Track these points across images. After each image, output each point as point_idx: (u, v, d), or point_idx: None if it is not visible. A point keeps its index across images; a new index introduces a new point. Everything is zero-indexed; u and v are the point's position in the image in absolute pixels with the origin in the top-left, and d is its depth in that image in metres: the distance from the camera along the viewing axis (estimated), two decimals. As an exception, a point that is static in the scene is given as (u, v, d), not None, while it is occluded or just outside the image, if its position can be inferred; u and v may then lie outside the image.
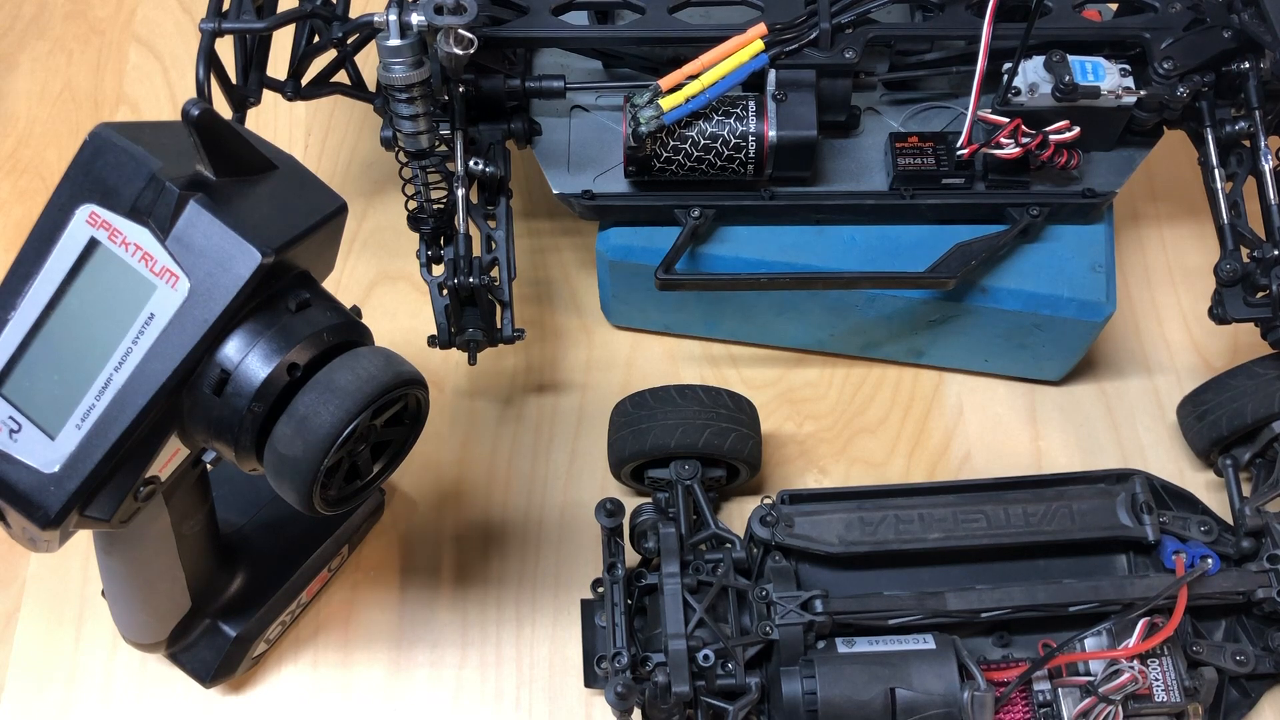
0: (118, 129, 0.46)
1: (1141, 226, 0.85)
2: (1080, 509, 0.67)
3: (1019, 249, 0.72)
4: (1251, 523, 0.66)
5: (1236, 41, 0.67)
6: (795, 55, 0.67)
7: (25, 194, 0.88)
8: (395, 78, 0.61)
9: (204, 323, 0.45)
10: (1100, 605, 0.64)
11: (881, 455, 0.77)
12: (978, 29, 0.66)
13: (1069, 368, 0.77)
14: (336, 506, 0.51)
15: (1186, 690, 0.62)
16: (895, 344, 0.78)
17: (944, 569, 0.67)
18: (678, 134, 0.67)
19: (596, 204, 0.71)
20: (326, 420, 0.47)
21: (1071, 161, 0.68)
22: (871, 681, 0.60)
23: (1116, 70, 0.67)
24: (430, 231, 0.68)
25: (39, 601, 0.72)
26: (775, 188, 0.71)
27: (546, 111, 0.73)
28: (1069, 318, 0.71)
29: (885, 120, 0.74)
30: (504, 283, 0.69)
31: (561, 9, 0.70)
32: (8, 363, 0.47)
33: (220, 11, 0.66)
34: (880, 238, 0.72)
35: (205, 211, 0.45)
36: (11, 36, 0.96)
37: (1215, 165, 0.68)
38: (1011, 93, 0.66)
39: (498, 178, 0.69)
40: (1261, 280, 0.66)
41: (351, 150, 0.89)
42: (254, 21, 0.66)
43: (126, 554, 0.57)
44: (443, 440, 0.77)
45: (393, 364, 0.49)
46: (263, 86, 0.72)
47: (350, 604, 0.72)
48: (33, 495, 0.47)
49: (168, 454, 0.49)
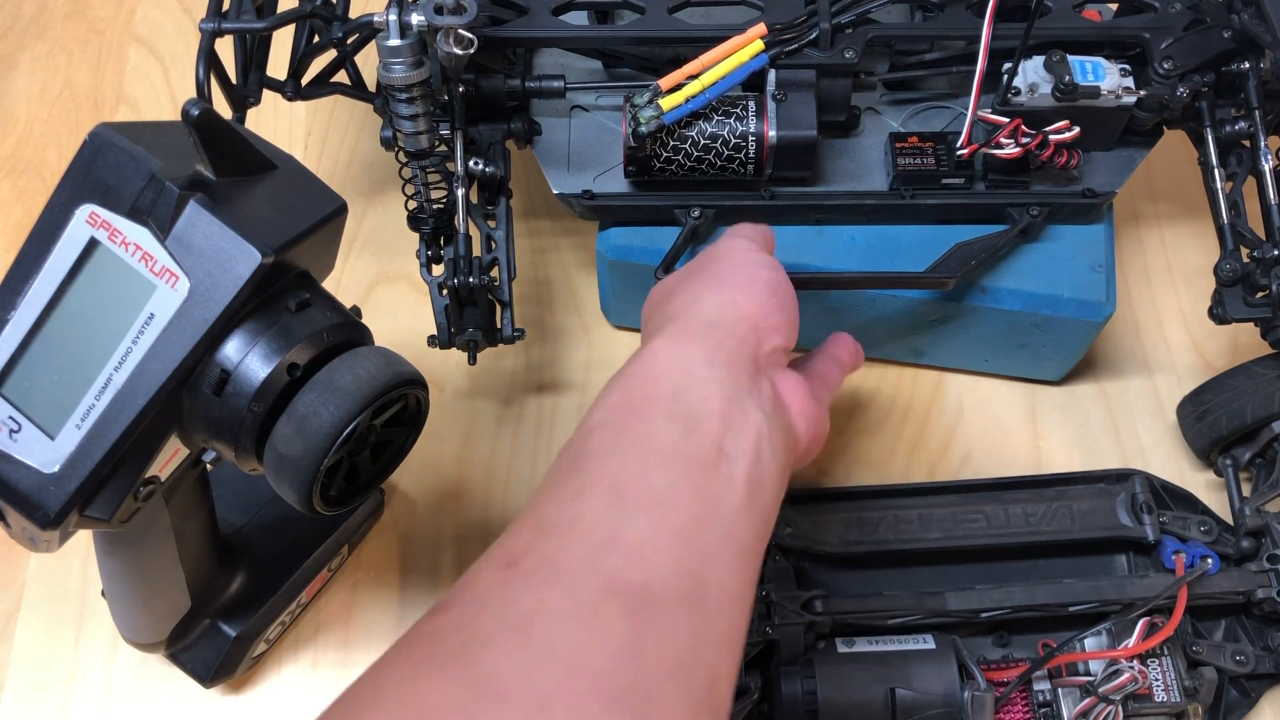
0: (118, 129, 0.46)
1: (1141, 226, 0.85)
2: (1080, 509, 0.67)
3: (1019, 249, 0.72)
4: (1251, 523, 0.66)
5: (1236, 41, 0.67)
6: (795, 55, 0.67)
7: (25, 194, 0.88)
8: (395, 78, 0.61)
9: (204, 322, 0.45)
10: (1100, 605, 0.64)
11: (881, 455, 0.77)
12: (978, 29, 0.66)
13: (1069, 368, 0.77)
14: (336, 506, 0.51)
15: (1186, 690, 0.62)
16: (895, 344, 0.78)
17: (944, 569, 0.67)
18: (678, 134, 0.67)
19: (596, 204, 0.71)
20: (326, 420, 0.47)
21: (1071, 161, 0.68)
22: (871, 681, 0.60)
23: (1116, 70, 0.67)
24: (430, 231, 0.68)
25: (39, 601, 0.72)
26: (775, 188, 0.71)
27: (546, 111, 0.73)
28: (1069, 318, 0.71)
29: (885, 120, 0.74)
30: (504, 283, 0.69)
31: (561, 9, 0.70)
32: (7, 362, 0.47)
33: (220, 11, 0.66)
34: (880, 237, 0.72)
35: (205, 211, 0.45)
36: (11, 36, 0.96)
37: (1215, 165, 0.68)
38: (1011, 93, 0.66)
39: (498, 178, 0.69)
40: (1261, 280, 0.66)
41: (352, 150, 0.89)
42: (254, 21, 0.66)
43: (126, 554, 0.57)
44: (443, 440, 0.77)
45: (393, 364, 0.49)
46: (263, 87, 0.71)
47: (350, 604, 0.72)
48: (33, 495, 0.47)
49: (168, 454, 0.49)
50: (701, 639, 0.42)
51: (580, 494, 0.44)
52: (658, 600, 0.41)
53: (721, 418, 0.47)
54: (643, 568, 0.41)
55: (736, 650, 0.44)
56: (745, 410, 0.48)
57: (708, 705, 0.41)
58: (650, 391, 0.48)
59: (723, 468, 0.46)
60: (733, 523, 0.45)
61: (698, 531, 0.44)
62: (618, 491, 0.44)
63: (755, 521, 0.46)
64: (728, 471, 0.46)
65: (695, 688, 0.41)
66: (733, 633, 0.44)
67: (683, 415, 0.47)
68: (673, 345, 0.50)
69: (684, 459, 0.45)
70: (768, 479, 0.48)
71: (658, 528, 0.43)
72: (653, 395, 0.48)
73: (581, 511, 0.43)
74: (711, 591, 0.43)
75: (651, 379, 0.49)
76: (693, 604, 0.42)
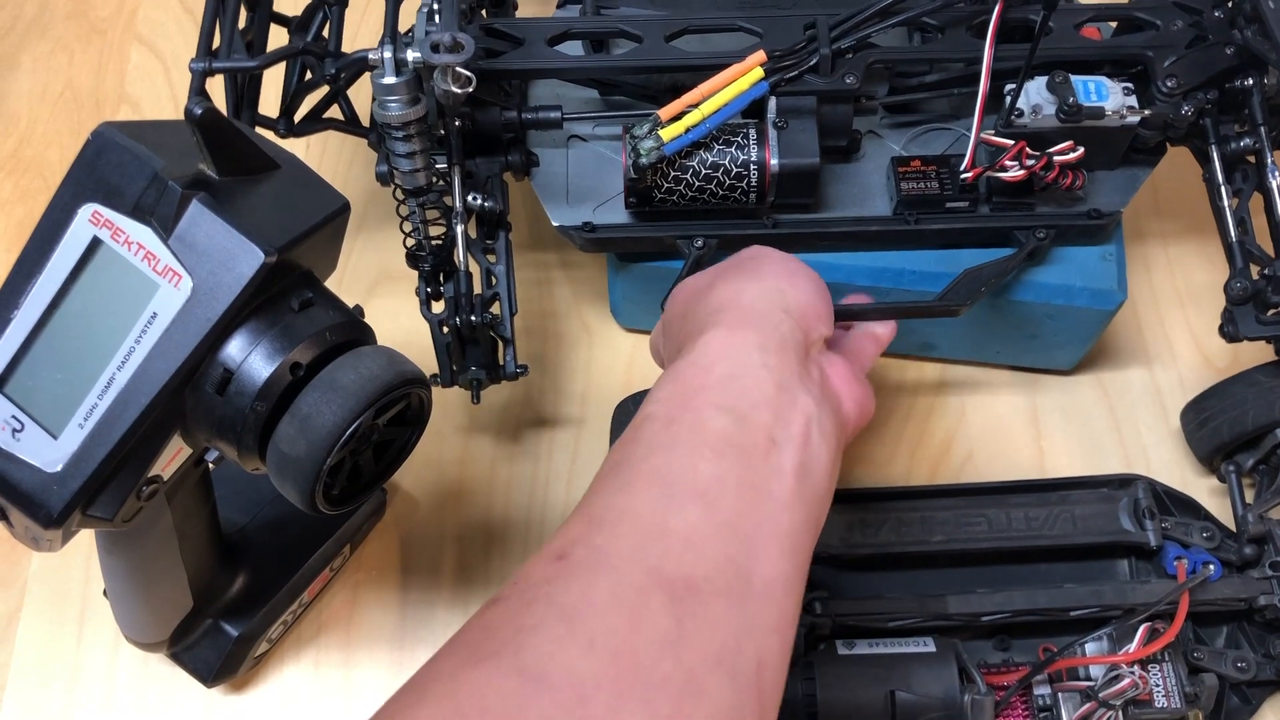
0: (120, 128, 0.46)
1: (1147, 244, 0.85)
2: (1082, 514, 0.67)
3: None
4: (1254, 529, 0.66)
5: (1239, 58, 0.66)
6: (795, 82, 0.67)
7: (27, 194, 0.88)
8: (391, 116, 0.60)
9: (207, 322, 0.45)
10: (1101, 610, 0.64)
11: (883, 455, 0.77)
12: (978, 50, 0.65)
13: (1081, 356, 0.78)
14: (339, 506, 0.51)
15: (1187, 696, 0.62)
16: (905, 338, 0.77)
17: (945, 572, 0.67)
18: (678, 164, 0.67)
19: (597, 236, 0.70)
20: (329, 419, 0.47)
21: (1077, 182, 0.68)
22: (871, 684, 0.60)
23: (1120, 89, 0.67)
24: (429, 269, 0.67)
25: (41, 601, 0.72)
26: (778, 215, 0.70)
27: (543, 142, 0.73)
28: (1081, 306, 0.71)
29: (886, 143, 0.73)
30: (505, 319, 0.68)
31: (557, 39, 0.69)
32: (10, 362, 0.47)
33: (211, 50, 0.65)
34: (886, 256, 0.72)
35: (208, 210, 0.45)
36: (13, 36, 0.96)
37: (1221, 182, 0.68)
38: (1015, 115, 0.66)
39: (496, 212, 0.68)
40: (1273, 298, 0.65)
41: (354, 149, 0.89)
42: (245, 60, 0.65)
43: (129, 553, 0.57)
44: (444, 439, 0.77)
45: (395, 363, 0.49)
46: (255, 125, 0.70)
47: (352, 603, 0.72)
48: (35, 494, 0.47)
49: (170, 453, 0.49)
50: (748, 627, 0.42)
51: (628, 486, 0.45)
52: (703, 590, 0.42)
53: (772, 406, 0.48)
54: (688, 558, 0.42)
55: (787, 637, 0.44)
56: (795, 397, 0.49)
57: (755, 690, 0.42)
58: (702, 381, 0.49)
59: (772, 457, 0.46)
60: (781, 511, 0.46)
61: (745, 521, 0.44)
62: (666, 483, 0.45)
63: (805, 508, 0.47)
64: (777, 461, 0.46)
65: (742, 673, 0.41)
66: (782, 620, 0.44)
67: (732, 404, 0.47)
68: (727, 333, 0.51)
69: (733, 449, 0.46)
70: (818, 465, 0.48)
71: (705, 518, 0.44)
72: (704, 385, 0.48)
73: (630, 503, 0.44)
74: (759, 580, 0.43)
75: (704, 368, 0.49)
76: (739, 593, 0.42)
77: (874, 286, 0.72)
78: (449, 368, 0.69)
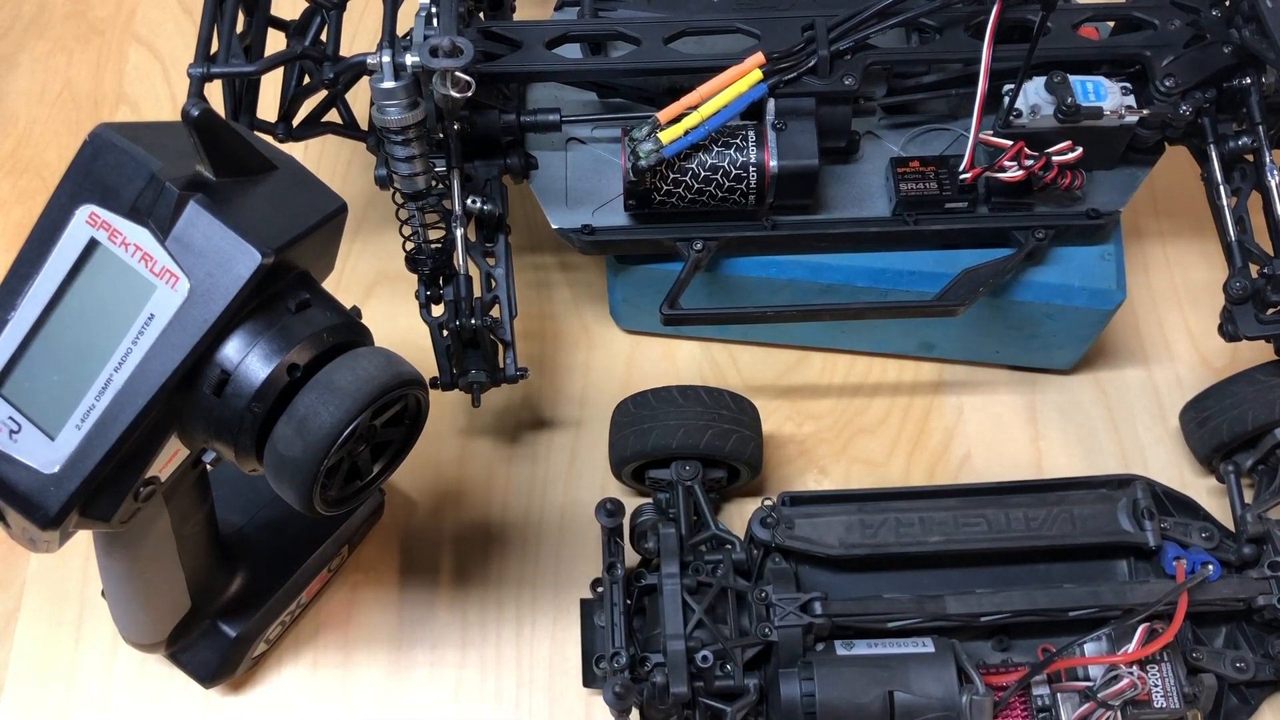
0: (118, 129, 0.46)
1: (1146, 243, 0.85)
2: (1081, 514, 0.67)
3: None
4: (1253, 529, 0.66)
5: (1237, 57, 0.66)
6: (794, 83, 0.67)
7: (25, 194, 0.88)
8: (390, 120, 0.60)
9: (204, 323, 0.45)
10: (1100, 610, 0.64)
11: (882, 455, 0.77)
12: (976, 51, 0.65)
13: (1079, 355, 0.78)
14: (336, 507, 0.51)
15: (1186, 696, 0.62)
16: (906, 339, 0.78)
17: (944, 572, 0.67)
18: (678, 166, 0.67)
19: (597, 239, 0.70)
20: (327, 420, 0.47)
21: (1075, 182, 0.68)
22: (870, 684, 0.60)
23: (1118, 89, 0.67)
24: (429, 272, 0.67)
25: (39, 602, 0.72)
26: (777, 217, 0.70)
27: (542, 145, 0.73)
28: (1080, 306, 0.71)
29: (884, 144, 0.73)
30: (505, 321, 0.68)
31: (555, 42, 0.69)
32: (8, 363, 0.47)
33: (209, 55, 0.65)
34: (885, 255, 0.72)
35: (205, 212, 0.45)
36: (11, 36, 0.96)
37: (1220, 182, 0.68)
38: (1013, 115, 0.66)
39: (495, 215, 0.68)
40: (1272, 297, 0.65)
41: (351, 151, 0.89)
42: (243, 65, 0.65)
43: (126, 554, 0.57)
44: (442, 440, 0.77)
45: (392, 364, 0.49)
46: (253, 129, 0.70)
47: (350, 604, 0.72)
48: (33, 496, 0.47)
49: (168, 454, 0.49)
50: None
51: None
52: None
53: None
54: None
55: None
56: None
57: None
58: None
59: None
60: None
61: None
62: None
63: None
64: None
65: None
66: None
67: None
68: None
69: None
70: None
71: None
72: None
73: None
74: None
75: None
76: None
77: (874, 287, 0.72)
78: (449, 371, 0.69)
